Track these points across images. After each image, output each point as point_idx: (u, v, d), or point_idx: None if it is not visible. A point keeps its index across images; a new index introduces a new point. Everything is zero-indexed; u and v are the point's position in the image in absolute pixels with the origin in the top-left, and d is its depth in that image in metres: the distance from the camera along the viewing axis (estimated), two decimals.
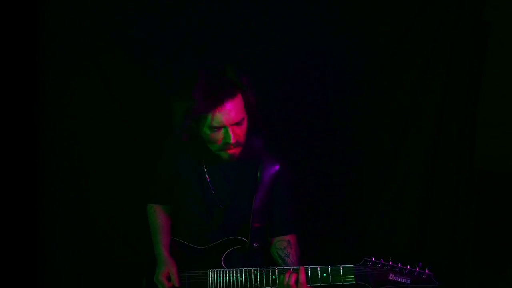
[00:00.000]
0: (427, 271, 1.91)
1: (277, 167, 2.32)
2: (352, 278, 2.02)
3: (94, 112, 2.99)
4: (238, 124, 2.16)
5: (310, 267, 2.10)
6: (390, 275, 1.91)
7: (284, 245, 2.33)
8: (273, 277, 2.16)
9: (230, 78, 2.12)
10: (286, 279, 2.11)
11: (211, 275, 2.28)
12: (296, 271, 2.12)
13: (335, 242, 3.04)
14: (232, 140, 2.14)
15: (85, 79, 2.96)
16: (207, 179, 2.34)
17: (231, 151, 2.20)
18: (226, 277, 2.25)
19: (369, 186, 3.02)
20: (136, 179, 2.93)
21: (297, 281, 2.10)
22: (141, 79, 2.91)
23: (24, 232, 2.86)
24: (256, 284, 2.19)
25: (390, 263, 1.94)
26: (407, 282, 1.88)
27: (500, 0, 2.87)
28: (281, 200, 2.35)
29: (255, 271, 2.20)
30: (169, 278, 2.33)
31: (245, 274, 2.21)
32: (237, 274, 2.23)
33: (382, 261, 1.96)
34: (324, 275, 2.06)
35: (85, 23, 2.91)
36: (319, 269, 2.08)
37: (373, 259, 1.97)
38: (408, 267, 1.92)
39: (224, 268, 2.27)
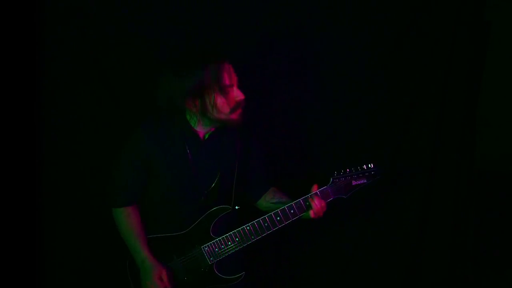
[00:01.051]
0: (371, 166, 2.33)
1: (252, 138, 2.41)
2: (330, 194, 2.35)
3: (94, 112, 2.99)
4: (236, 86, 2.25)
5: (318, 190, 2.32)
6: (353, 182, 2.33)
7: (272, 194, 2.46)
8: (278, 218, 2.28)
9: None
10: (317, 203, 2.27)
11: (207, 250, 2.29)
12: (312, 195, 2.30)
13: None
14: (242, 96, 2.20)
15: (85, 78, 2.96)
16: (190, 160, 2.30)
17: (238, 113, 2.22)
18: (223, 244, 2.28)
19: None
20: None
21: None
22: (141, 78, 2.91)
23: (24, 232, 2.86)
24: (262, 231, 2.27)
25: (348, 171, 2.35)
26: (364, 181, 2.33)
27: (500, 0, 2.88)
28: (259, 165, 2.44)
29: (257, 223, 2.26)
30: (161, 279, 2.29)
31: (242, 232, 2.27)
32: (232, 236, 2.28)
33: (342, 172, 2.35)
34: None
35: (84, 22, 2.90)
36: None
37: (335, 174, 2.34)
38: (360, 170, 2.34)
39: (215, 238, 2.29)
